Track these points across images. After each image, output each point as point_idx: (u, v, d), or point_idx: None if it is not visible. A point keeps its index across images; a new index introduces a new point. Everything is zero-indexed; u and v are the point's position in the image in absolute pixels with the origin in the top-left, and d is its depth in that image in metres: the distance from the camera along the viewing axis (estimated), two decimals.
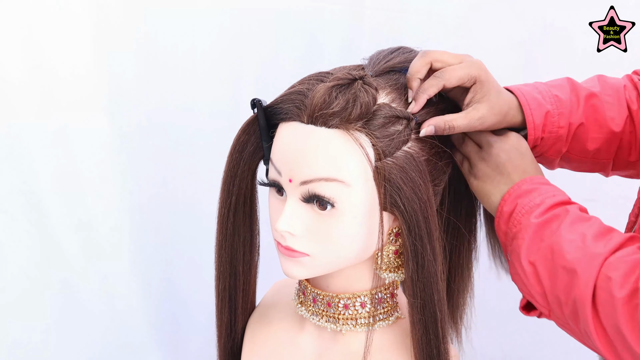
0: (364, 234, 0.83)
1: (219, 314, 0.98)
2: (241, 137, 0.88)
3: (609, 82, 0.99)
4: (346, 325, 0.89)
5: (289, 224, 0.82)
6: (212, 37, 1.60)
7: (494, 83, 0.88)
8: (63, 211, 1.60)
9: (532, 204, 0.80)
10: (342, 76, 0.81)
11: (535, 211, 0.80)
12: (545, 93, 0.94)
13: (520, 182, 0.83)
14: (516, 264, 0.81)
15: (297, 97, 0.82)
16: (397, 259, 0.87)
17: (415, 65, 0.84)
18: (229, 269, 0.94)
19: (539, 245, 0.78)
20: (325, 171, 0.79)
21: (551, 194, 0.81)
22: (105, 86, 1.57)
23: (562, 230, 0.77)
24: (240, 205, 0.91)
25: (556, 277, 0.76)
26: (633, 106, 0.97)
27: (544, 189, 0.82)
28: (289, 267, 0.85)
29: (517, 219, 0.81)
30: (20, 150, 1.53)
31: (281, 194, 0.85)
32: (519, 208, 0.81)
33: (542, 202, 0.80)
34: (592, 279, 0.72)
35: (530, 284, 0.79)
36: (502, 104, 0.89)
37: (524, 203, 0.81)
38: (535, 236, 0.78)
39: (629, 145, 0.97)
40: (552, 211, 0.79)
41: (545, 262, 0.77)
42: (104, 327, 1.69)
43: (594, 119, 0.95)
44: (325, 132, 0.80)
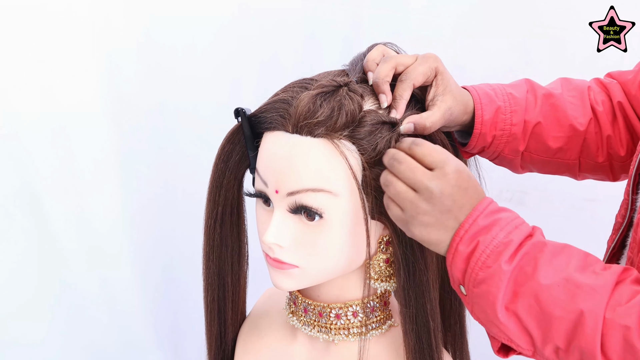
0: (353, 243, 0.81)
1: (208, 326, 0.97)
2: (225, 146, 0.86)
3: (572, 84, 0.99)
4: (338, 335, 0.88)
5: (276, 236, 0.81)
6: (212, 37, 1.60)
7: (451, 75, 0.88)
8: (63, 211, 1.61)
9: (497, 242, 0.71)
10: (327, 83, 0.79)
11: (505, 253, 0.71)
12: (498, 91, 0.94)
13: (474, 213, 0.73)
14: (488, 311, 0.72)
15: (281, 106, 0.80)
16: (388, 268, 0.85)
17: (382, 70, 0.82)
18: (217, 281, 0.93)
19: (517, 292, 0.71)
20: (312, 182, 0.78)
21: (513, 225, 0.73)
22: (105, 86, 1.58)
23: (542, 272, 0.70)
24: (227, 216, 0.89)
25: (550, 326, 0.70)
26: (598, 107, 0.97)
27: (502, 219, 0.73)
28: (279, 279, 0.84)
29: (482, 261, 0.71)
30: (20, 150, 1.53)
31: (268, 204, 0.83)
32: (481, 248, 0.71)
33: (509, 241, 0.71)
34: (598, 328, 0.67)
35: (513, 333, 0.72)
36: (463, 94, 0.89)
37: (487, 242, 0.71)
38: (509, 283, 0.71)
39: (596, 147, 0.97)
40: (522, 249, 0.72)
41: (531, 312, 0.70)
42: (103, 326, 1.70)
43: (554, 118, 0.95)
44: (311, 141, 0.78)
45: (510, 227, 0.73)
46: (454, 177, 0.73)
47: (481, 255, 0.71)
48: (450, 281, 0.77)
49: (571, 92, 0.97)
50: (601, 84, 1.00)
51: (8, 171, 1.54)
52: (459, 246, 0.73)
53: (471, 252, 0.72)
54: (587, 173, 1.00)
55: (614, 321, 0.67)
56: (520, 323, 0.71)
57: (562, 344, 0.70)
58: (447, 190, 0.73)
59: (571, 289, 0.69)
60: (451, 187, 0.73)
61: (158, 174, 1.67)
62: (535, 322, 0.70)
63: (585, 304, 0.68)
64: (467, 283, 0.73)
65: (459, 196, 0.73)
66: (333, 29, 1.59)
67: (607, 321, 0.67)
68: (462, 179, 0.74)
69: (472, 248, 0.72)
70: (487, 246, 0.71)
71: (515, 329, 0.72)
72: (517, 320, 0.71)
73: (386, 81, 0.82)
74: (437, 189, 0.72)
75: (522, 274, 0.71)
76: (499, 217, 0.73)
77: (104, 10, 1.54)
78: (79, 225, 1.63)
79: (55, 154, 1.57)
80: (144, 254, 1.71)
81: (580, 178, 1.02)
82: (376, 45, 0.87)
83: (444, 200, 0.73)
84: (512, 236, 0.72)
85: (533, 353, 0.73)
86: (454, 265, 0.74)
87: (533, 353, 0.73)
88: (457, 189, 0.73)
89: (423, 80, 0.84)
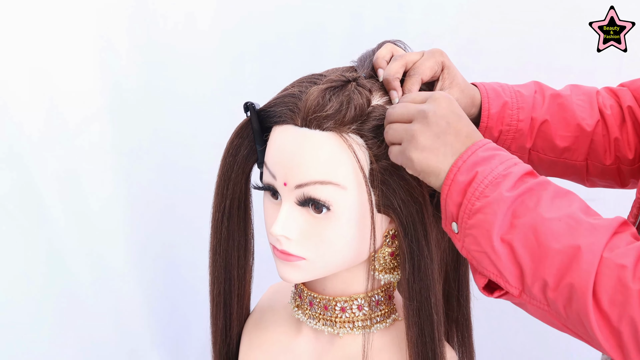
0: (360, 236, 0.82)
1: (213, 320, 0.97)
2: (234, 140, 0.87)
3: (581, 89, 1.00)
4: (343, 328, 0.89)
5: (284, 228, 0.81)
6: (214, 38, 1.60)
7: (457, 70, 0.89)
8: (63, 211, 1.60)
9: (496, 173, 0.71)
10: (336, 78, 0.81)
11: (505, 183, 0.70)
12: (506, 88, 0.96)
13: (473, 147, 0.73)
14: (482, 242, 0.71)
15: (291, 100, 0.82)
16: (392, 261, 0.86)
17: (393, 67, 0.84)
18: (224, 274, 0.94)
19: (514, 223, 0.69)
20: (320, 174, 0.79)
21: (512, 162, 0.72)
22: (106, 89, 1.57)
23: (544, 207, 0.69)
24: (235, 210, 0.90)
25: (544, 260, 0.68)
26: (606, 110, 0.98)
27: (502, 155, 0.73)
28: (286, 271, 0.85)
29: (480, 190, 0.70)
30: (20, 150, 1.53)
31: (276, 197, 0.84)
32: (480, 178, 0.71)
33: (509, 173, 0.71)
34: (594, 265, 0.65)
35: (503, 265, 0.70)
36: (469, 87, 0.91)
37: (486, 172, 0.71)
38: (509, 212, 0.69)
39: (603, 149, 0.97)
40: (524, 184, 0.71)
41: (527, 243, 0.68)
42: (104, 327, 1.69)
43: (562, 118, 0.96)
44: (320, 134, 0.79)
45: (509, 163, 0.72)
46: (446, 102, 0.75)
47: (479, 185, 0.70)
48: (443, 223, 0.76)
49: (579, 95, 0.98)
50: (610, 90, 1.01)
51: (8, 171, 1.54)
52: (456, 176, 0.72)
53: (469, 182, 0.71)
54: (595, 178, 1.00)
55: (611, 260, 0.66)
56: (514, 255, 0.69)
57: (552, 281, 0.68)
58: (440, 111, 0.74)
59: (572, 225, 0.67)
60: (444, 109, 0.75)
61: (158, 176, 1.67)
62: (529, 255, 0.68)
63: (585, 240, 0.66)
64: (462, 216, 0.72)
65: (453, 120, 0.74)
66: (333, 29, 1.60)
67: (603, 260, 0.66)
68: (455, 106, 0.76)
69: (470, 177, 0.71)
70: (486, 176, 0.71)
71: (507, 261, 0.70)
72: (511, 252, 0.69)
73: (396, 78, 0.83)
74: (430, 109, 0.74)
75: (523, 207, 0.69)
76: (498, 152, 0.73)
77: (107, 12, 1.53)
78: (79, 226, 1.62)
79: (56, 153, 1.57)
80: (145, 255, 1.70)
81: (589, 184, 1.02)
82: (385, 43, 0.88)
83: (438, 121, 0.74)
84: (511, 169, 0.71)
85: (520, 292, 0.71)
86: (450, 198, 0.72)
87: (520, 292, 0.71)
88: (450, 113, 0.75)
89: (431, 75, 0.85)
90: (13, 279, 1.58)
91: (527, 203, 0.69)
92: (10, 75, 1.49)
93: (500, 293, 0.73)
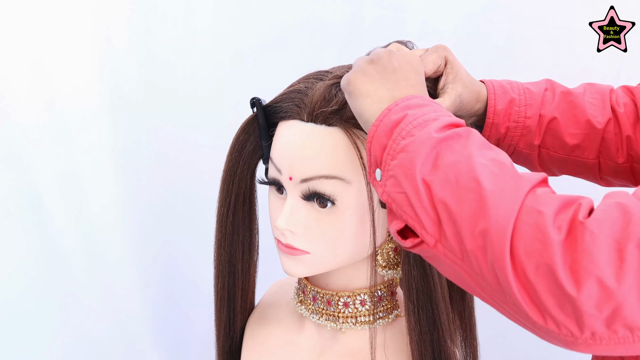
0: (364, 231, 0.83)
1: (217, 313, 0.98)
2: (240, 136, 0.88)
3: (595, 87, 0.99)
4: (346, 323, 0.90)
5: (289, 221, 0.82)
6: (212, 38, 1.60)
7: (461, 65, 0.89)
8: (63, 211, 1.60)
9: (427, 117, 0.67)
10: (341, 74, 0.82)
11: (433, 124, 0.67)
12: (515, 85, 0.95)
13: (411, 96, 0.71)
14: (403, 182, 0.66)
15: (297, 96, 0.82)
16: (396, 256, 0.87)
17: None
18: (228, 268, 0.94)
19: (437, 163, 0.65)
20: (325, 169, 0.80)
21: (447, 114, 0.70)
22: (106, 87, 1.57)
23: (470, 150, 0.65)
24: (240, 205, 0.91)
25: (461, 204, 0.63)
26: (619, 108, 0.96)
27: (438, 107, 0.70)
28: (290, 265, 0.85)
29: (406, 130, 0.67)
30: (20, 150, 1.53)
31: (281, 192, 0.85)
32: (409, 119, 0.67)
33: (439, 118, 0.68)
34: (514, 211, 0.60)
35: (422, 207, 0.65)
36: (474, 83, 0.90)
37: (416, 115, 0.67)
38: (433, 152, 0.65)
39: (615, 147, 0.96)
40: (453, 129, 0.67)
41: (446, 185, 0.64)
42: (104, 327, 1.69)
43: (572, 115, 0.95)
44: (325, 130, 0.80)
45: (443, 113, 0.70)
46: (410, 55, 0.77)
47: (407, 125, 0.67)
48: (368, 176, 0.74)
49: (593, 94, 0.97)
50: (627, 89, 0.99)
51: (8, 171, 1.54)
52: (384, 118, 0.69)
53: (397, 122, 0.68)
54: (609, 176, 0.98)
55: (531, 207, 0.60)
56: (432, 198, 0.64)
57: (469, 225, 0.62)
58: (397, 56, 0.75)
59: (496, 170, 0.63)
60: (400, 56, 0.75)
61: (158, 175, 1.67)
62: (448, 196, 0.64)
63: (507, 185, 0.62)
64: (386, 159, 0.68)
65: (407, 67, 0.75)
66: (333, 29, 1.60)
67: (524, 206, 0.60)
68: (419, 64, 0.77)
69: (398, 118, 0.68)
70: (415, 118, 0.68)
71: (427, 202, 0.65)
72: (430, 194, 0.65)
73: None
74: (386, 51, 0.75)
75: (449, 150, 0.65)
76: (435, 105, 0.71)
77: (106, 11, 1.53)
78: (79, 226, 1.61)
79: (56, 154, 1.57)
80: (145, 254, 1.70)
81: (604, 183, 1.00)
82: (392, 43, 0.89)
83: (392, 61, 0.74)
84: (442, 118, 0.68)
85: (435, 242, 0.65)
86: (376, 140, 0.69)
87: (435, 242, 0.65)
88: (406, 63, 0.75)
89: (434, 69, 0.85)
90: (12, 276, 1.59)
91: (454, 146, 0.65)
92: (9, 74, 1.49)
93: (414, 242, 0.67)
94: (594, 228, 0.57)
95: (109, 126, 1.60)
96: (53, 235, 1.59)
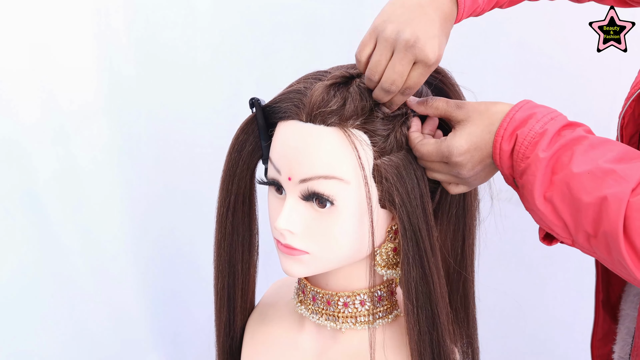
0: (363, 231, 0.83)
1: (217, 313, 0.98)
2: (240, 136, 0.88)
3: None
4: (346, 323, 0.90)
5: (288, 221, 0.82)
6: (212, 37, 1.60)
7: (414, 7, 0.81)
8: (63, 211, 1.60)
9: (534, 133, 0.75)
10: (340, 75, 0.82)
11: (541, 142, 0.74)
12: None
13: (511, 112, 0.78)
14: (529, 199, 0.77)
15: (296, 96, 0.83)
16: (396, 256, 0.87)
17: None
18: (228, 268, 0.94)
19: (552, 179, 0.74)
20: (324, 169, 0.80)
21: (549, 117, 0.77)
22: (105, 85, 1.57)
23: (576, 161, 0.73)
24: (239, 205, 0.91)
25: (579, 212, 0.73)
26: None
27: (538, 112, 0.77)
28: (289, 265, 0.86)
29: (522, 152, 0.76)
30: (20, 150, 1.53)
31: (280, 192, 0.85)
32: (520, 140, 0.76)
33: (544, 131, 0.75)
34: (622, 211, 0.69)
35: (549, 220, 0.76)
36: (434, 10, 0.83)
37: (524, 134, 0.76)
38: (547, 171, 0.74)
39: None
40: (559, 140, 0.75)
41: (564, 198, 0.73)
42: (104, 327, 1.69)
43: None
44: (324, 130, 0.80)
45: (546, 119, 0.76)
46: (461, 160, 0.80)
47: (520, 147, 0.76)
48: (505, 181, 0.82)
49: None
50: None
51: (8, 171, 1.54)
52: (502, 145, 0.77)
53: (512, 147, 0.77)
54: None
55: (635, 204, 0.69)
56: (555, 210, 0.75)
57: (591, 230, 0.73)
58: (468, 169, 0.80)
59: (600, 176, 0.71)
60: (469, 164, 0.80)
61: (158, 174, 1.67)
62: (567, 209, 0.73)
63: (610, 190, 0.70)
64: (516, 177, 0.78)
65: (479, 157, 0.80)
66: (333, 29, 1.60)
67: (630, 204, 0.69)
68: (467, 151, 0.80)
69: (512, 143, 0.77)
70: (524, 138, 0.75)
71: (552, 216, 0.75)
72: (552, 207, 0.75)
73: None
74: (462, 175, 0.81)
75: (559, 163, 0.74)
76: (534, 111, 0.77)
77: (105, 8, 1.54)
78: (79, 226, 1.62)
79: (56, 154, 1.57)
80: (145, 254, 1.71)
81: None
82: None
83: (475, 174, 0.81)
84: (547, 126, 0.75)
85: (572, 242, 0.77)
86: (502, 164, 0.79)
87: (572, 242, 0.77)
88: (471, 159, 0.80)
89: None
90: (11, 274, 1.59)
91: (562, 159, 0.74)
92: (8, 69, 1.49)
93: (557, 242, 0.81)
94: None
95: (108, 123, 1.60)
96: (53, 235, 1.60)
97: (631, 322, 1.00)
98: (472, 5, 0.86)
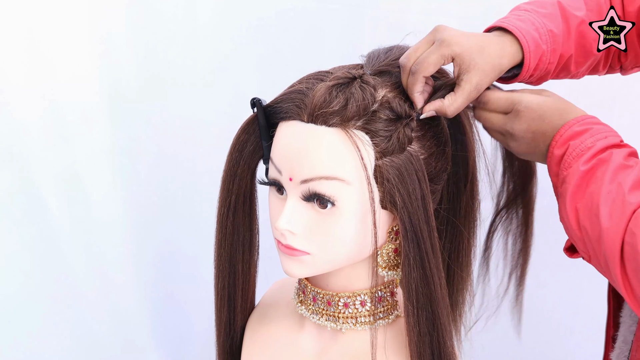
0: (364, 232, 0.83)
1: (218, 313, 0.98)
2: (241, 136, 0.88)
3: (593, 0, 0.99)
4: (346, 323, 0.90)
5: (289, 222, 0.82)
6: (212, 38, 1.60)
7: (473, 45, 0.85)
8: (64, 214, 1.60)
9: (583, 146, 0.79)
10: (342, 75, 0.82)
11: (584, 155, 0.78)
12: (541, 29, 0.92)
13: (571, 122, 0.81)
14: (561, 207, 0.80)
15: (297, 96, 0.82)
16: (396, 257, 0.87)
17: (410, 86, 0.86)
18: (228, 268, 0.94)
19: (583, 192, 0.77)
20: (325, 169, 0.80)
21: (603, 135, 0.80)
22: (106, 88, 1.57)
23: (604, 179, 0.76)
24: (240, 205, 0.91)
25: (593, 228, 0.76)
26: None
27: (596, 129, 0.80)
28: (290, 265, 0.86)
29: (567, 161, 0.80)
30: (21, 153, 1.53)
31: (281, 193, 0.85)
32: (570, 150, 0.80)
33: (592, 146, 0.79)
34: (620, 234, 0.72)
35: (572, 229, 0.79)
36: (493, 57, 0.86)
37: (575, 145, 0.79)
38: (581, 183, 0.78)
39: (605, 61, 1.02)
40: (599, 156, 0.78)
41: (586, 211, 0.77)
42: (104, 326, 1.69)
43: (581, 45, 0.96)
44: (326, 130, 0.80)
45: (599, 136, 0.79)
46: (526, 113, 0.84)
47: (568, 157, 0.80)
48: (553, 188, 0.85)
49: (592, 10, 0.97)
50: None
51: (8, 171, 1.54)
52: (554, 150, 0.81)
53: (562, 155, 0.80)
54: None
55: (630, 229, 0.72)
56: (578, 221, 0.78)
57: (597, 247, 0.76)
58: (536, 99, 0.84)
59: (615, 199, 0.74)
60: (540, 99, 0.84)
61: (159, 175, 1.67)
62: (587, 221, 0.77)
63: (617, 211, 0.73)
64: (558, 187, 0.81)
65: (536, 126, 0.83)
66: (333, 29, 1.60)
67: (627, 229, 0.72)
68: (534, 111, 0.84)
69: (563, 151, 0.80)
70: (574, 149, 0.79)
71: (574, 225, 0.78)
72: (577, 216, 0.78)
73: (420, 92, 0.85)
74: (525, 99, 0.84)
75: (594, 178, 0.77)
76: (592, 126, 0.80)
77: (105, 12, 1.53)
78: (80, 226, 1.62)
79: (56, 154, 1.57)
80: (145, 253, 1.70)
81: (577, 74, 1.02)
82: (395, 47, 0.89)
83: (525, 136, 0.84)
84: (597, 143, 0.79)
85: (589, 258, 0.79)
86: (551, 169, 0.83)
87: (589, 258, 0.79)
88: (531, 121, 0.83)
89: (434, 69, 0.85)
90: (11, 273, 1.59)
91: (597, 174, 0.77)
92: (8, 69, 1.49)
93: (579, 256, 0.83)
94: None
95: (108, 123, 1.60)
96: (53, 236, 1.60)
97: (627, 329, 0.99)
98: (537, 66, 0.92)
